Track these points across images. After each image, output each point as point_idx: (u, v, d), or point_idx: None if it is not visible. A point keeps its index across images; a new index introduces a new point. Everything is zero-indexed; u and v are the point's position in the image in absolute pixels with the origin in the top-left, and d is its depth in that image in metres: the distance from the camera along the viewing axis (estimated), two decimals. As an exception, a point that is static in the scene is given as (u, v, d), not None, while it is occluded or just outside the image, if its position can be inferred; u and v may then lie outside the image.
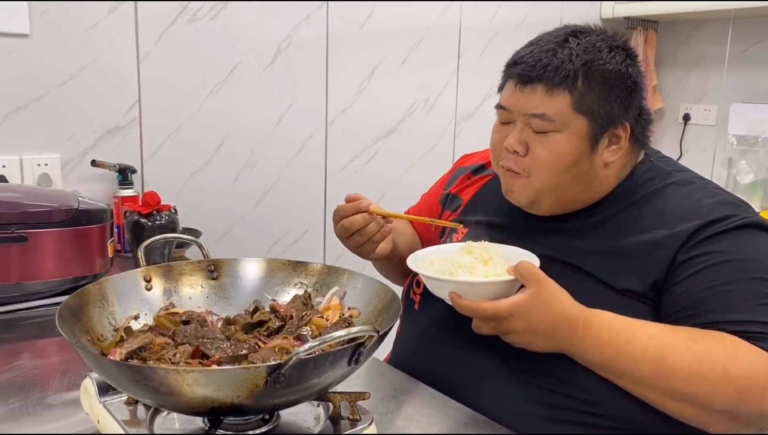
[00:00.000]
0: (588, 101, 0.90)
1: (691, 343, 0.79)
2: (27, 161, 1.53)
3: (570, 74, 0.89)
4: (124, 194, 1.59)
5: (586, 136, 0.91)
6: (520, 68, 0.93)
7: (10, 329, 1.10)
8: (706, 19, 2.55)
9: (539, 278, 0.80)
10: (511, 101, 0.94)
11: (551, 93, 0.90)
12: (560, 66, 0.89)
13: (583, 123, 0.90)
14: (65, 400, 0.87)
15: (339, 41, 1.97)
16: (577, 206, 0.96)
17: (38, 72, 1.52)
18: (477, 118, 2.31)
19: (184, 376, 0.59)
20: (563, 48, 0.91)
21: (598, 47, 0.91)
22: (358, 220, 1.00)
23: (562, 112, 0.90)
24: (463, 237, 1.06)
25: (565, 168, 0.91)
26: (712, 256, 0.86)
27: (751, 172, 2.40)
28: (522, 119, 0.93)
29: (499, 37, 2.29)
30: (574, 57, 0.90)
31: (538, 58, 0.91)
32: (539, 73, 0.90)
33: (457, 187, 1.16)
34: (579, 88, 0.90)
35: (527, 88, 0.91)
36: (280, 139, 1.91)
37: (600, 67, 0.90)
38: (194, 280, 0.90)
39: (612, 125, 0.92)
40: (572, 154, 0.91)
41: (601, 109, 0.90)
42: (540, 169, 0.92)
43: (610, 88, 0.91)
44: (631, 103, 0.93)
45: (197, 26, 1.72)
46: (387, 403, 0.87)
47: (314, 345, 0.61)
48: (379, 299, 0.83)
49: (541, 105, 0.90)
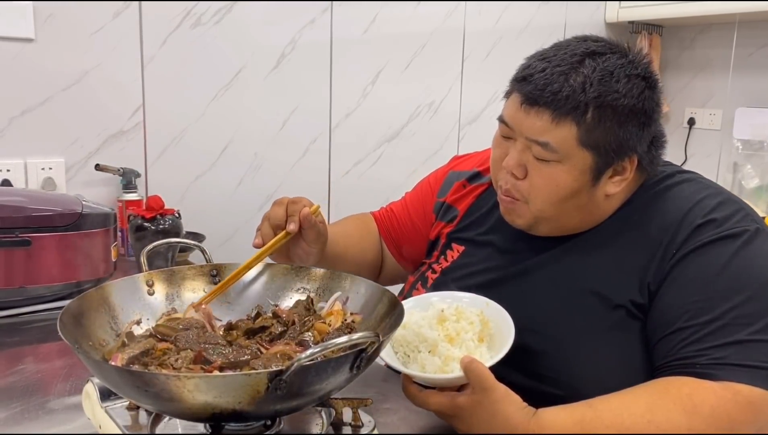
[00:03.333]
0: (595, 136, 0.85)
1: (650, 415, 0.76)
2: (31, 165, 1.54)
3: (580, 106, 0.84)
4: (127, 198, 1.60)
5: (589, 170, 0.87)
6: (529, 88, 0.86)
7: (14, 333, 1.10)
8: (711, 23, 2.55)
9: (485, 387, 0.76)
10: (515, 120, 0.89)
11: (557, 122, 0.85)
12: (571, 95, 0.84)
13: (586, 157, 0.86)
14: (67, 404, 0.86)
15: (343, 45, 1.97)
16: (577, 231, 0.94)
17: (43, 76, 1.53)
18: (481, 122, 2.31)
19: (185, 382, 0.59)
20: (577, 72, 0.85)
21: (615, 76, 0.85)
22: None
23: (566, 143, 0.85)
24: (459, 256, 1.04)
25: (562, 199, 0.88)
26: (692, 270, 0.84)
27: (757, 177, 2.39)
28: (523, 141, 0.88)
29: (504, 41, 2.29)
30: (588, 87, 0.84)
31: (549, 81, 0.85)
32: (548, 99, 0.84)
33: (452, 196, 1.11)
34: (587, 121, 0.84)
35: (533, 111, 0.86)
36: (284, 143, 1.91)
37: (613, 101, 0.84)
38: (197, 284, 0.89)
39: (618, 159, 0.87)
40: (571, 187, 0.87)
41: (609, 144, 0.86)
42: (537, 196, 0.89)
43: (621, 123, 0.85)
44: (642, 137, 0.88)
45: (201, 31, 1.72)
46: (389, 409, 0.86)
47: (316, 351, 0.61)
48: (382, 305, 0.83)
49: (545, 132, 0.85)
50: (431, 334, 0.83)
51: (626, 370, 0.86)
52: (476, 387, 0.76)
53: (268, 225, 0.96)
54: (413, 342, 0.83)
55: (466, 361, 0.76)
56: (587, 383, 0.85)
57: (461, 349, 0.81)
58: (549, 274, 0.93)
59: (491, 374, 0.76)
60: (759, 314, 0.81)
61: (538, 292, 0.93)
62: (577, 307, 0.89)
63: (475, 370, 0.76)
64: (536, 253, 0.96)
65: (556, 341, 0.89)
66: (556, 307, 0.91)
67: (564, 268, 0.93)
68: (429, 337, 0.82)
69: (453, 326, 0.84)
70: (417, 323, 0.85)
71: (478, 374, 0.76)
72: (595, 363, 0.87)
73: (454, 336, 0.83)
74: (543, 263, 0.95)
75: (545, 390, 0.87)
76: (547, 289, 0.93)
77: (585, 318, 0.88)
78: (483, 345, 0.83)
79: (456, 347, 0.81)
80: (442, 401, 0.78)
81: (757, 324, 0.80)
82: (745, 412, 0.77)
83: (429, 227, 1.13)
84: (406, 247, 1.17)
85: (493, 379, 0.76)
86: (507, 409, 0.77)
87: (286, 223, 0.94)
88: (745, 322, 0.80)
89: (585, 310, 0.89)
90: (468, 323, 0.84)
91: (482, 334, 0.84)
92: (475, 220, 1.06)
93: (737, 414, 0.76)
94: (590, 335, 0.88)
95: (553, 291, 0.92)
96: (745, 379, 0.77)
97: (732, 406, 0.76)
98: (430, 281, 1.05)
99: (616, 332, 0.86)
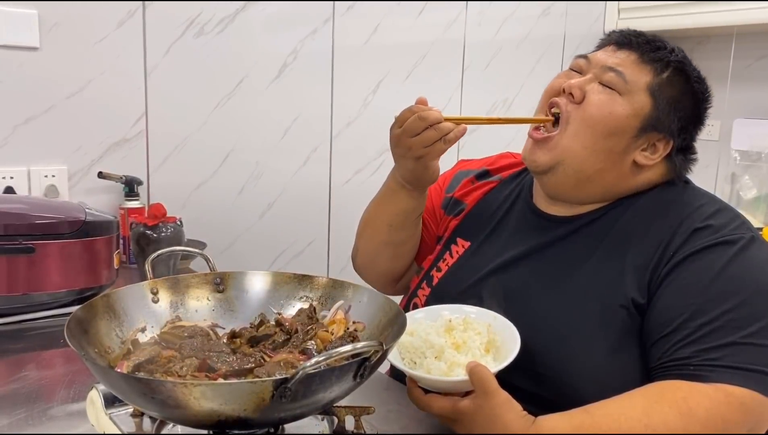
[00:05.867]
0: (662, 93, 0.93)
1: (647, 419, 0.77)
2: (34, 172, 1.55)
3: (664, 60, 0.93)
4: (130, 206, 1.60)
5: (641, 117, 0.92)
6: (623, 34, 0.96)
7: (16, 340, 1.11)
8: (710, 35, 2.56)
9: (487, 391, 0.77)
10: (597, 56, 0.97)
11: (639, 64, 0.93)
12: (661, 47, 0.94)
13: (646, 104, 0.92)
14: (70, 411, 0.87)
15: (345, 55, 1.99)
16: (586, 201, 0.96)
17: (47, 84, 1.54)
18: (481, 132, 2.31)
19: (192, 389, 0.60)
20: (667, 44, 0.96)
21: (692, 66, 0.97)
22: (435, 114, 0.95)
23: (638, 82, 0.92)
24: (464, 252, 1.05)
25: (604, 132, 0.92)
26: (690, 272, 0.86)
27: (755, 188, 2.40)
28: (597, 71, 0.95)
29: (503, 51, 2.31)
30: (677, 51, 0.95)
31: (645, 37, 0.95)
32: (640, 43, 0.94)
33: (460, 191, 1.14)
34: (663, 76, 0.93)
35: (621, 51, 0.95)
36: (286, 151, 1.93)
37: (690, 74, 0.95)
38: (201, 292, 0.90)
39: (659, 131, 0.94)
40: (619, 122, 0.92)
41: (666, 108, 0.93)
42: (582, 121, 0.93)
43: (683, 101, 0.94)
44: (687, 129, 0.96)
45: (204, 40, 1.74)
46: (390, 417, 0.87)
47: (320, 359, 0.61)
48: (384, 314, 0.83)
49: (626, 66, 0.93)
50: (438, 341, 0.84)
51: (626, 372, 0.87)
52: (479, 391, 0.77)
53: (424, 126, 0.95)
54: (420, 348, 0.84)
55: (471, 364, 0.78)
56: (587, 385, 0.86)
57: (467, 356, 0.82)
58: (553, 274, 0.94)
59: (495, 380, 0.78)
60: (752, 318, 0.82)
61: (541, 292, 0.94)
62: (580, 307, 0.90)
63: (479, 373, 0.77)
64: (540, 252, 0.97)
65: (557, 341, 0.90)
66: (559, 307, 0.92)
67: (567, 268, 0.94)
68: (436, 343, 0.83)
69: (460, 335, 0.85)
70: (425, 331, 0.86)
71: (481, 377, 0.77)
72: (596, 364, 0.88)
73: (461, 344, 0.84)
74: (547, 262, 0.96)
75: (544, 395, 0.88)
76: (550, 289, 0.94)
77: (587, 318, 0.88)
78: (489, 355, 0.84)
79: (462, 354, 0.82)
80: (445, 405, 0.79)
81: (750, 328, 0.81)
82: (738, 413, 0.78)
83: (438, 224, 1.15)
84: (419, 246, 1.17)
85: (496, 385, 0.77)
86: (506, 415, 0.78)
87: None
88: (738, 326, 0.81)
89: (587, 310, 0.90)
90: (475, 333, 0.85)
91: (489, 345, 0.85)
92: (482, 217, 1.08)
93: (731, 416, 0.78)
94: (592, 336, 0.89)
95: (556, 291, 0.93)
96: (738, 381, 0.79)
97: (725, 408, 0.78)
98: (435, 280, 1.06)
99: (618, 333, 0.87)
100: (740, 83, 2.50)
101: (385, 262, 1.15)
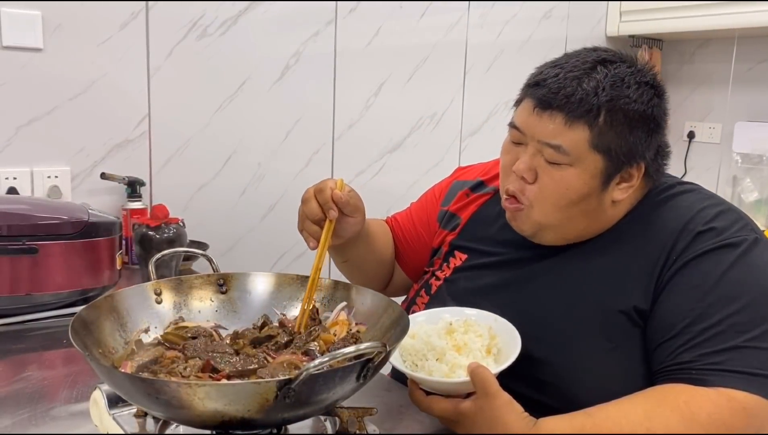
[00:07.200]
0: (607, 140, 0.87)
1: (648, 423, 0.78)
2: (37, 173, 1.55)
3: (593, 109, 0.86)
4: (132, 207, 1.61)
5: (599, 174, 0.88)
6: (542, 92, 0.88)
7: (19, 340, 1.11)
8: (711, 38, 2.57)
9: (489, 393, 0.77)
10: (527, 124, 0.90)
11: (570, 125, 0.86)
12: (584, 98, 0.86)
13: (597, 161, 0.87)
14: (73, 411, 0.87)
15: (346, 58, 1.99)
16: (581, 239, 0.95)
17: (50, 86, 1.54)
18: (482, 134, 2.32)
19: (196, 389, 0.60)
20: (590, 78, 0.87)
21: (626, 82, 0.87)
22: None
23: (578, 146, 0.87)
24: (462, 263, 1.06)
25: (570, 203, 0.89)
26: (691, 277, 0.86)
27: (756, 190, 2.40)
28: (535, 145, 0.89)
29: (505, 54, 2.31)
30: (600, 91, 0.86)
31: (563, 85, 0.87)
32: (561, 101, 0.86)
33: (456, 204, 1.13)
34: (599, 124, 0.86)
35: (546, 114, 0.88)
36: (288, 153, 1.93)
37: (624, 106, 0.86)
38: (204, 293, 0.91)
39: (627, 164, 0.89)
40: (581, 191, 0.88)
41: (619, 148, 0.87)
42: (545, 201, 0.90)
43: (632, 128, 0.87)
44: (651, 144, 0.90)
45: (207, 42, 1.74)
46: (393, 418, 0.87)
47: (324, 361, 0.62)
48: (387, 315, 0.84)
49: (558, 135, 0.87)
50: (439, 343, 0.84)
51: (627, 378, 0.87)
52: (480, 392, 0.77)
53: (310, 223, 0.98)
54: (422, 350, 0.85)
55: (472, 366, 0.78)
56: (588, 391, 0.85)
57: (468, 357, 0.82)
58: (552, 281, 0.95)
59: (496, 381, 0.78)
60: (755, 322, 0.82)
61: (541, 299, 0.94)
62: (580, 314, 0.90)
63: (481, 374, 0.77)
64: (539, 260, 0.97)
65: (558, 348, 0.90)
66: (559, 314, 0.92)
67: (567, 276, 0.94)
68: (437, 345, 0.84)
69: (461, 337, 0.85)
70: (426, 333, 0.86)
71: (482, 378, 0.77)
72: (597, 371, 0.88)
73: (462, 346, 0.84)
74: (546, 270, 0.96)
75: (545, 402, 0.88)
76: (550, 296, 0.94)
77: (587, 325, 0.89)
78: (490, 357, 0.84)
79: (463, 356, 0.83)
80: (446, 407, 0.79)
81: (753, 331, 0.81)
82: (740, 418, 0.78)
83: (432, 236, 1.15)
84: (410, 255, 1.18)
85: (498, 386, 0.78)
86: (508, 416, 0.78)
87: (323, 212, 0.97)
88: (741, 329, 0.81)
89: (587, 317, 0.90)
90: (476, 335, 0.86)
91: (490, 347, 0.85)
92: (478, 229, 1.07)
93: (732, 420, 0.78)
94: (592, 342, 0.89)
95: (556, 298, 0.93)
96: (740, 385, 0.79)
97: (727, 413, 0.78)
98: (434, 288, 1.06)
99: (619, 339, 0.87)
100: (742, 86, 2.50)
101: (357, 276, 1.17)
